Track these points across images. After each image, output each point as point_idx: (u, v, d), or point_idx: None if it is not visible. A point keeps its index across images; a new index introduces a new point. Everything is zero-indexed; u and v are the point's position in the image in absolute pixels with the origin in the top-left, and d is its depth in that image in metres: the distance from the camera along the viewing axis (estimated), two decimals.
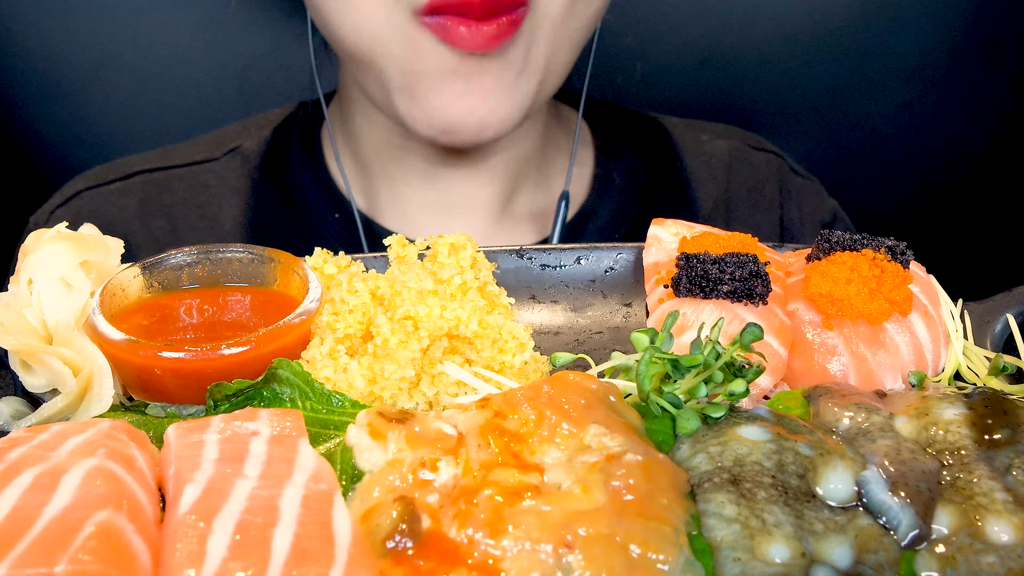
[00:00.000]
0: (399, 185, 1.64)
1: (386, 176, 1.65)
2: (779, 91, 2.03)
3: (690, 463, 0.84)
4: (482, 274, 1.14)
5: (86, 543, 0.69)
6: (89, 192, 1.71)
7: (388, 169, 1.64)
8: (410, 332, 1.02)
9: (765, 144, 1.87)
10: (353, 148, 1.68)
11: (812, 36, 2.00)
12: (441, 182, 1.62)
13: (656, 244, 1.18)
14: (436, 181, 1.62)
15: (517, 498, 0.77)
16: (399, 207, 1.65)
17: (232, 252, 1.11)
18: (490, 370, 1.03)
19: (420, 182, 1.63)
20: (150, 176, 1.71)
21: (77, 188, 1.72)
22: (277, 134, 1.74)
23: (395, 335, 1.02)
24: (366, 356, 1.02)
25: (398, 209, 1.65)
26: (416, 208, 1.64)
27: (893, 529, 0.79)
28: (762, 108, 2.07)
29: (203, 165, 1.73)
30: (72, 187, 1.73)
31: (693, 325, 1.00)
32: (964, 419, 0.88)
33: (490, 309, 1.09)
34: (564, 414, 0.86)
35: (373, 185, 1.67)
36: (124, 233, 1.14)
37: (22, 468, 0.78)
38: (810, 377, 1.01)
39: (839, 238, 1.05)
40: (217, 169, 1.72)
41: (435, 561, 0.73)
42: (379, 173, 1.65)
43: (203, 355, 0.96)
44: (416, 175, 1.62)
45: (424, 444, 0.84)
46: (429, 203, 1.64)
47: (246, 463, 0.81)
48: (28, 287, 1.01)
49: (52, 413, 0.95)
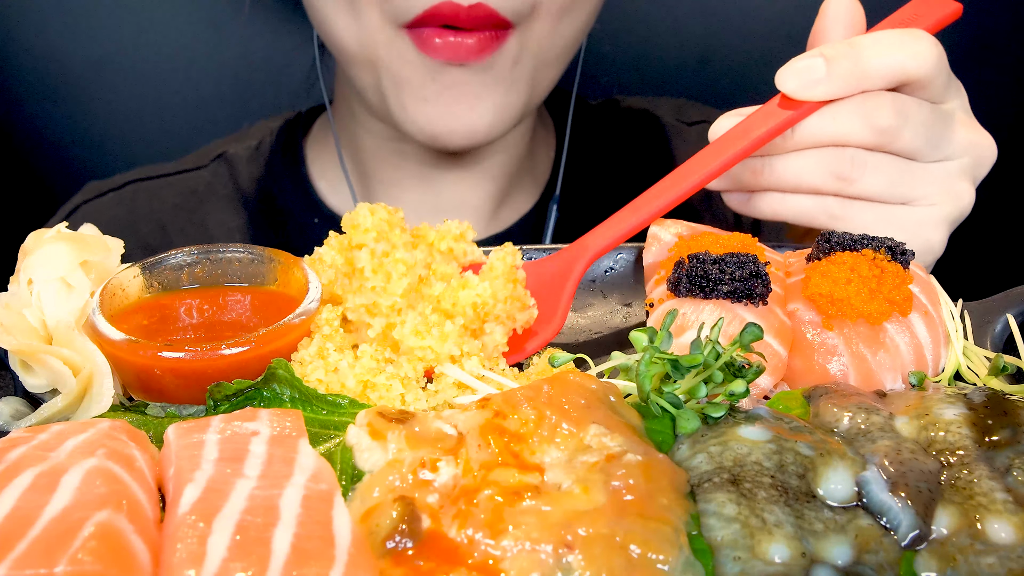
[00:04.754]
0: (394, 188, 1.67)
1: (381, 179, 1.67)
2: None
3: (690, 463, 0.84)
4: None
5: (86, 543, 0.69)
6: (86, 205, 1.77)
7: (383, 172, 1.66)
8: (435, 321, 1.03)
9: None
10: (350, 152, 1.70)
11: None
12: (435, 184, 1.65)
13: (656, 244, 1.18)
14: (430, 183, 1.64)
15: (517, 498, 0.77)
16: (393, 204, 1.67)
17: (232, 252, 1.11)
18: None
19: (414, 184, 1.65)
20: (140, 184, 1.77)
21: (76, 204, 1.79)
22: (262, 142, 1.79)
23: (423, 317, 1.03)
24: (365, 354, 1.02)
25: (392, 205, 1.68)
26: (410, 210, 1.67)
27: (893, 529, 0.79)
28: None
29: (191, 172, 1.79)
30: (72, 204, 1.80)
31: (693, 325, 1.00)
32: (964, 419, 0.88)
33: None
34: (564, 414, 0.86)
35: (368, 188, 1.69)
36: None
37: (22, 468, 0.78)
38: (810, 377, 1.01)
39: (839, 238, 1.05)
40: (205, 175, 1.76)
41: (435, 561, 0.73)
42: (374, 176, 1.68)
43: (203, 355, 0.96)
44: (410, 177, 1.65)
45: (424, 444, 0.84)
46: (423, 205, 1.67)
47: (246, 463, 0.81)
48: (28, 287, 1.01)
49: (52, 413, 0.95)
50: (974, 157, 1.18)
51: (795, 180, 1.16)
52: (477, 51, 1.37)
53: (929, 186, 1.16)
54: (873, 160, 1.14)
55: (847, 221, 1.18)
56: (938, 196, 1.17)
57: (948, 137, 1.16)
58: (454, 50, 1.36)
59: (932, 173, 1.16)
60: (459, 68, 1.39)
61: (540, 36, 1.42)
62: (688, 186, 1.16)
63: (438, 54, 1.37)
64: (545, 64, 1.48)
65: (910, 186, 1.15)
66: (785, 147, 1.16)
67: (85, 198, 1.78)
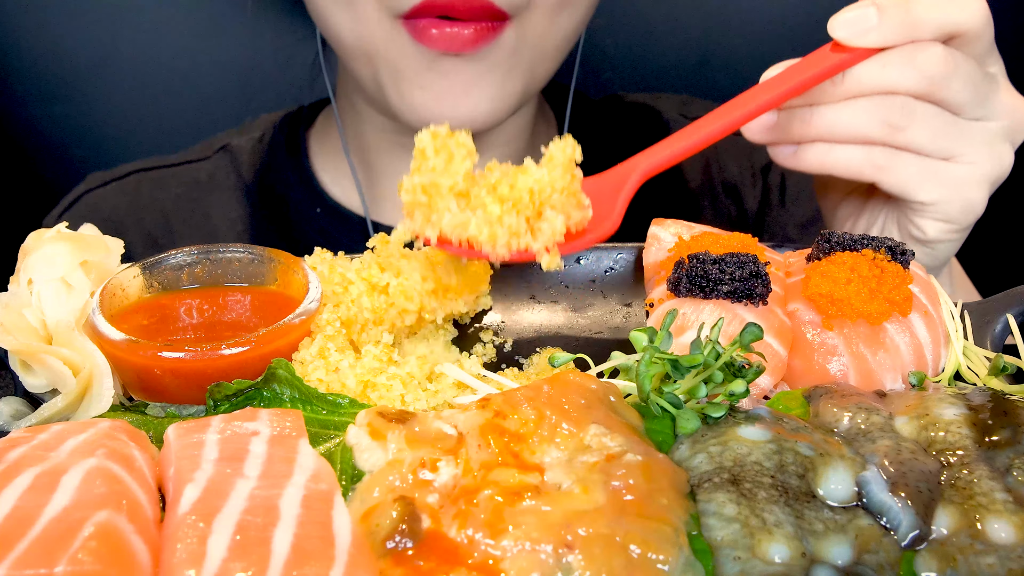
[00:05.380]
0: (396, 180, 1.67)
1: (384, 171, 1.69)
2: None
3: (690, 463, 0.84)
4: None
5: (86, 543, 0.69)
6: (89, 194, 1.78)
7: (386, 164, 1.68)
8: (502, 205, 1.02)
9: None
10: (353, 145, 1.71)
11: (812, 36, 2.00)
12: None
13: (656, 244, 1.18)
14: None
15: (517, 498, 0.77)
16: (395, 200, 1.70)
17: (232, 252, 1.11)
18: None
19: None
20: (144, 174, 1.78)
21: (78, 193, 1.80)
22: (264, 134, 1.81)
23: (493, 202, 1.03)
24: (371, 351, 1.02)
25: (393, 202, 1.70)
26: None
27: (893, 529, 0.79)
28: None
29: (194, 164, 1.80)
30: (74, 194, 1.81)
31: (693, 325, 1.00)
32: (964, 419, 0.88)
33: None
34: (564, 414, 0.86)
35: (371, 179, 1.70)
36: (118, 229, 1.15)
37: (22, 468, 0.78)
38: (810, 377, 1.01)
39: (839, 238, 1.05)
40: (208, 167, 1.77)
41: (435, 561, 0.73)
42: (377, 168, 1.69)
43: (203, 355, 0.96)
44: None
45: (424, 444, 0.84)
46: None
47: (246, 463, 0.81)
48: (28, 287, 1.01)
49: (52, 413, 0.95)
50: (1015, 121, 1.20)
51: (844, 127, 1.17)
52: (473, 41, 1.38)
53: (972, 143, 1.17)
54: (921, 109, 1.15)
55: (892, 172, 1.18)
56: (980, 155, 1.18)
57: (992, 97, 1.18)
58: (450, 40, 1.38)
59: (975, 131, 1.17)
60: (456, 57, 1.40)
61: (537, 28, 1.44)
62: (741, 115, 1.16)
63: (435, 44, 1.38)
64: (543, 56, 1.49)
65: (955, 140, 1.17)
66: (835, 95, 1.17)
67: (88, 187, 1.79)
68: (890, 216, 1.28)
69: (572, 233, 1.08)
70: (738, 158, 1.84)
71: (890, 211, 1.28)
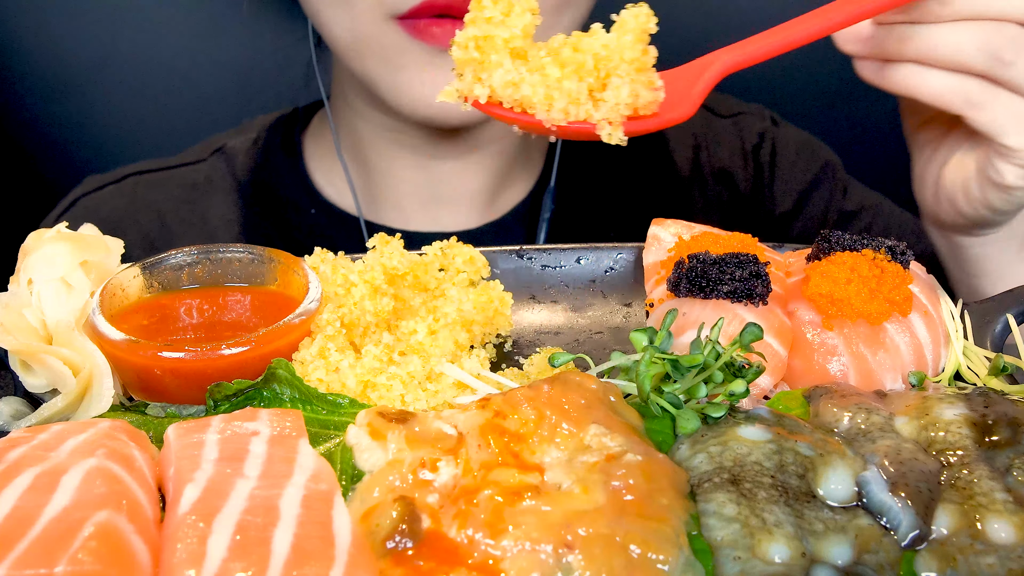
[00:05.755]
0: (391, 177, 1.69)
1: (379, 168, 1.70)
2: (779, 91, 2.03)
3: (690, 463, 0.84)
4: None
5: (86, 543, 0.69)
6: (85, 197, 1.78)
7: (381, 162, 1.69)
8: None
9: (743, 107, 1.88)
10: (348, 143, 1.72)
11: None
12: (432, 173, 1.67)
13: (656, 244, 1.18)
14: (427, 172, 1.67)
15: (517, 498, 0.77)
16: (391, 200, 1.70)
17: (232, 252, 1.11)
18: None
19: (411, 174, 1.68)
20: (140, 177, 1.80)
21: (75, 196, 1.80)
22: (259, 136, 1.82)
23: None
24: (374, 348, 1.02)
25: (390, 201, 1.70)
26: (408, 200, 1.70)
27: (893, 529, 0.79)
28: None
29: (191, 166, 1.81)
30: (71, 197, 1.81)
31: (693, 325, 1.00)
32: (964, 419, 0.88)
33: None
34: (564, 414, 0.86)
35: (366, 177, 1.71)
36: (116, 232, 1.15)
37: (22, 468, 0.78)
38: (810, 377, 1.01)
39: (839, 238, 1.05)
40: (204, 169, 1.79)
41: (435, 561, 0.73)
42: (372, 166, 1.70)
43: (203, 355, 0.96)
44: (408, 167, 1.67)
45: (424, 444, 0.84)
46: (420, 195, 1.69)
47: (246, 463, 0.81)
48: (28, 287, 1.01)
49: (52, 413, 0.95)
50: None
51: (944, 51, 1.09)
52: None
53: None
54: None
55: (984, 110, 1.11)
56: None
57: None
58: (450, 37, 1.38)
59: None
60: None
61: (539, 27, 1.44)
62: (839, 18, 1.07)
63: (435, 40, 1.40)
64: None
65: None
66: (941, 15, 1.09)
67: (85, 191, 1.79)
68: (969, 153, 1.20)
69: (639, 116, 0.99)
70: (728, 143, 1.83)
71: (971, 147, 1.20)
